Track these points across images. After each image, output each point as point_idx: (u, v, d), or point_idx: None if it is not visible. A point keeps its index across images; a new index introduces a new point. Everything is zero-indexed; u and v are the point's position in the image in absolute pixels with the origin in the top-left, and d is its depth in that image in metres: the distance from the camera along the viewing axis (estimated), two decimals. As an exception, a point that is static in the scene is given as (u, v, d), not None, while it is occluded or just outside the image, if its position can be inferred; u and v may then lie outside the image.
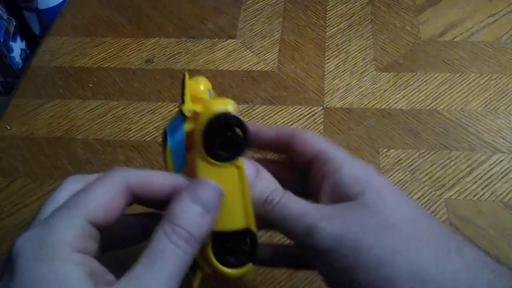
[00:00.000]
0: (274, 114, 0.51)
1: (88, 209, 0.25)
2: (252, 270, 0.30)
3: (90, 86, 0.56)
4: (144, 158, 0.48)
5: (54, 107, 0.54)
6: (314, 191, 0.30)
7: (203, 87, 0.30)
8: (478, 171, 0.45)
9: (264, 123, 0.50)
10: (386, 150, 0.47)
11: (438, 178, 0.45)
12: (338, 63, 0.55)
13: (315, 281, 0.39)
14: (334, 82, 0.53)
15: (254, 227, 0.29)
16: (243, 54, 0.57)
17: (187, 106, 0.28)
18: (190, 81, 0.30)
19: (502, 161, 0.45)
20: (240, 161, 0.28)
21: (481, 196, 0.43)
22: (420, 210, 0.30)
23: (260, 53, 0.57)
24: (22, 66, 0.70)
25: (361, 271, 0.26)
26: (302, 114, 0.51)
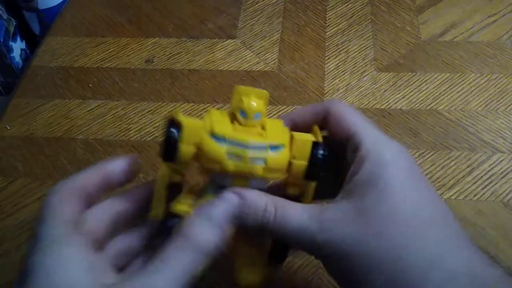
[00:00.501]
0: (274, 114, 0.51)
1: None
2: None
3: (90, 86, 0.56)
4: (144, 158, 0.48)
5: (54, 107, 0.54)
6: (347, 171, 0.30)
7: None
8: (478, 171, 0.45)
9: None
10: (386, 150, 0.47)
11: (438, 178, 0.45)
12: (338, 63, 0.55)
13: (315, 281, 0.39)
14: (334, 82, 0.53)
15: None
16: (243, 54, 0.57)
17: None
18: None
19: (502, 161, 0.45)
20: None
21: (481, 196, 0.43)
22: (434, 208, 0.29)
23: (260, 53, 0.57)
24: (22, 66, 0.70)
25: (361, 275, 0.27)
26: (302, 114, 0.51)
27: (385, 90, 0.52)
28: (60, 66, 0.58)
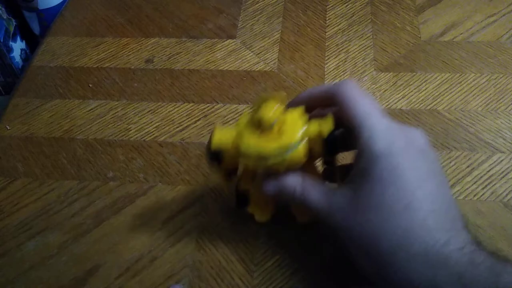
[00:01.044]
0: (274, 114, 0.51)
1: None
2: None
3: (90, 86, 0.56)
4: (144, 158, 0.48)
5: (54, 107, 0.54)
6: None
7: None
8: (478, 171, 0.45)
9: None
10: (386, 150, 0.47)
11: (438, 178, 0.45)
12: (338, 63, 0.55)
13: (315, 281, 0.39)
14: (334, 82, 0.53)
15: None
16: (243, 54, 0.57)
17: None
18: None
19: (502, 161, 0.45)
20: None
21: (481, 196, 0.43)
22: (436, 193, 0.32)
23: (260, 53, 0.57)
24: (22, 66, 0.70)
25: (354, 254, 0.33)
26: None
27: (385, 90, 0.52)
28: (60, 66, 0.58)
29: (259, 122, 0.33)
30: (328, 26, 0.59)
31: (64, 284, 0.41)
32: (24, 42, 0.72)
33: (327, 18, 0.60)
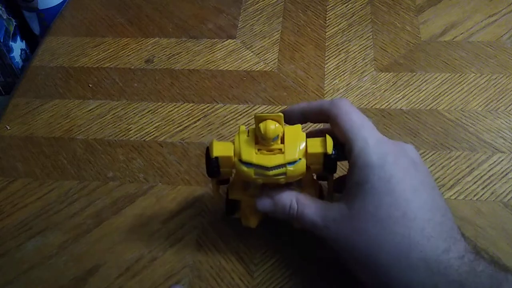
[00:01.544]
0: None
1: None
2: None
3: (90, 86, 0.56)
4: (144, 158, 0.48)
5: (54, 107, 0.54)
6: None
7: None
8: (478, 171, 0.45)
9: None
10: (386, 150, 0.47)
11: (438, 178, 0.45)
12: (338, 63, 0.55)
13: (315, 281, 0.39)
14: (334, 82, 0.53)
15: None
16: (243, 54, 0.57)
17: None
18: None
19: (502, 161, 0.45)
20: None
21: (481, 196, 0.43)
22: (425, 204, 0.32)
23: (260, 53, 0.57)
24: (22, 66, 0.70)
25: (351, 266, 0.33)
26: (302, 114, 0.51)
27: (385, 90, 0.52)
28: (60, 66, 0.58)
29: (262, 137, 0.34)
30: (328, 26, 0.59)
31: (64, 284, 0.41)
32: (24, 42, 0.72)
33: (327, 18, 0.60)
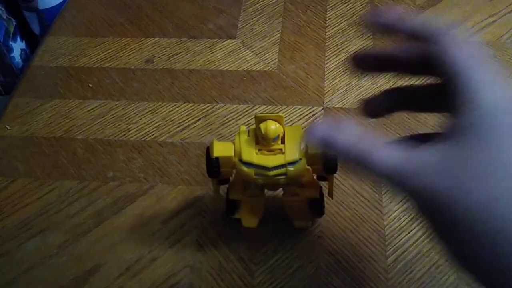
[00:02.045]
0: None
1: None
2: None
3: (90, 86, 0.56)
4: (144, 158, 0.48)
5: (54, 107, 0.54)
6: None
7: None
8: (478, 171, 0.45)
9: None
10: (386, 150, 0.47)
11: (438, 178, 0.44)
12: (338, 63, 0.55)
13: (315, 281, 0.39)
14: (334, 82, 0.53)
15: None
16: (243, 54, 0.57)
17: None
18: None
19: (502, 161, 0.45)
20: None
21: (481, 196, 0.43)
22: None
23: (260, 53, 0.57)
24: (22, 66, 0.70)
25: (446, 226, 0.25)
26: (302, 114, 0.51)
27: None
28: (60, 66, 0.58)
29: (262, 137, 0.34)
30: (328, 26, 0.59)
31: (64, 284, 0.41)
32: (24, 42, 0.72)
33: (327, 18, 0.60)
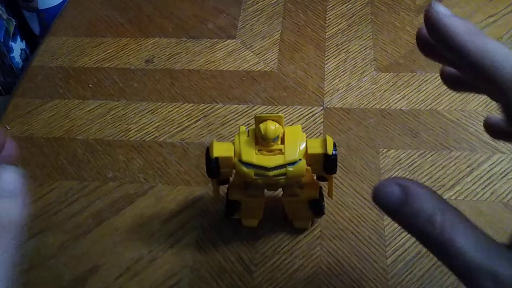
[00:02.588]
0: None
1: None
2: None
3: (90, 86, 0.56)
4: (144, 158, 0.48)
5: (54, 107, 0.54)
6: None
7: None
8: (478, 171, 0.45)
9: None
10: (386, 150, 0.47)
11: (438, 178, 0.45)
12: (338, 63, 0.55)
13: (315, 281, 0.39)
14: (334, 82, 0.53)
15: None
16: (243, 54, 0.57)
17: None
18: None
19: (502, 161, 0.45)
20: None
21: (481, 196, 0.43)
22: None
23: (260, 53, 0.57)
24: (22, 66, 0.70)
25: None
26: (302, 114, 0.51)
27: (385, 90, 0.52)
28: (60, 66, 0.58)
29: (262, 137, 0.34)
30: (328, 26, 0.59)
31: (64, 284, 0.41)
32: (24, 42, 0.72)
33: (327, 18, 0.60)
